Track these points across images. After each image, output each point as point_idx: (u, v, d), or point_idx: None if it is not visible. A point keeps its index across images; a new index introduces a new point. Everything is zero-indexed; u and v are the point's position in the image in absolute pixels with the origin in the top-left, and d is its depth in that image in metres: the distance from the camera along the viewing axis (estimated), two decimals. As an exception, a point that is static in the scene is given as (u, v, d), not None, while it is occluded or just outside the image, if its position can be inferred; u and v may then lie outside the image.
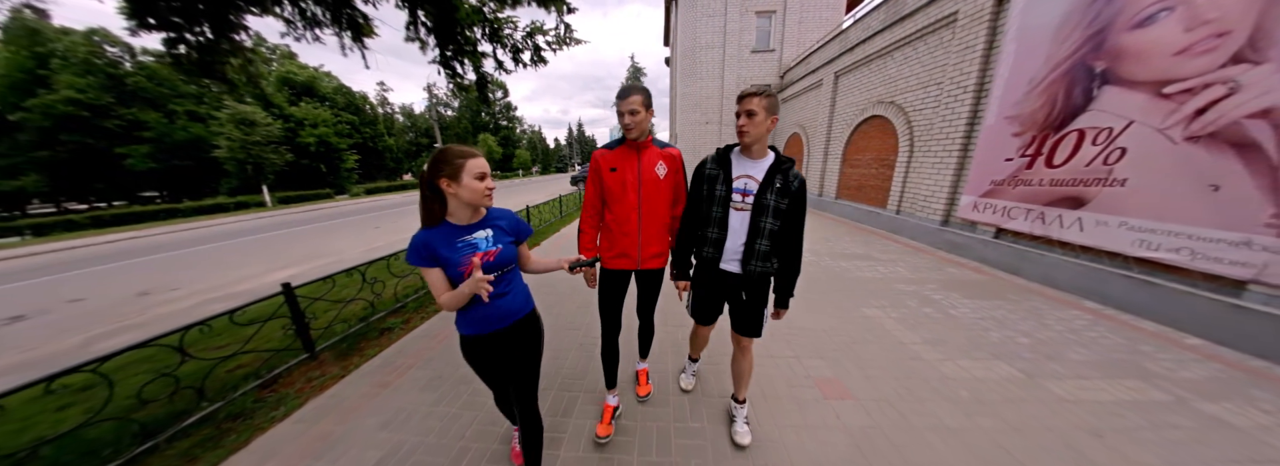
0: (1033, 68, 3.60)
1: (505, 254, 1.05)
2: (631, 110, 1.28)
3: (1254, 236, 2.27)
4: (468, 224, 1.02)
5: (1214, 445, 1.51)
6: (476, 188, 0.95)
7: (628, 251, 1.47)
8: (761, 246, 1.28)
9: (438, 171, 0.94)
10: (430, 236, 0.98)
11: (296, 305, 2.13)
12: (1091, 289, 3.04)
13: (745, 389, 1.56)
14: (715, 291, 1.43)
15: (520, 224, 1.15)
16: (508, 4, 2.01)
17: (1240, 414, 1.69)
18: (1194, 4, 2.53)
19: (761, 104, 1.16)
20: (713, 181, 1.32)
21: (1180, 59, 2.59)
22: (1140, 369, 2.06)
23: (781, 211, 1.26)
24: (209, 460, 1.52)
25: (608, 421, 1.60)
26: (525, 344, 1.15)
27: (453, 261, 0.98)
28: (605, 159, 1.42)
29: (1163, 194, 2.68)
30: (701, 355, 1.90)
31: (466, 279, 0.97)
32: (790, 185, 1.24)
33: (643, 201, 1.42)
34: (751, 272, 1.31)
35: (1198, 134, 2.51)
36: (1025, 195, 3.65)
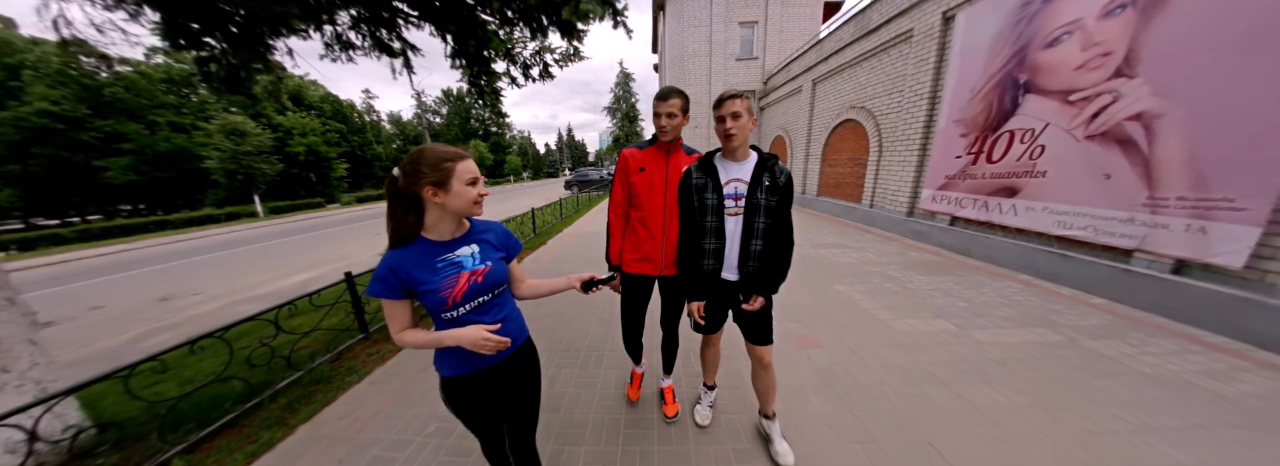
0: (973, 78, 4.20)
1: (495, 273, 0.87)
2: (669, 112, 1.27)
3: (1136, 214, 2.84)
4: (449, 239, 0.83)
5: (1086, 366, 2.01)
6: (468, 194, 0.77)
7: (651, 255, 1.42)
8: (756, 246, 1.24)
9: (418, 178, 0.74)
10: (402, 258, 0.78)
11: (355, 291, 2.49)
12: (1024, 264, 3.61)
13: (773, 402, 1.44)
14: (717, 303, 1.36)
15: (510, 237, 0.96)
16: (537, 36, 2.41)
17: (1113, 347, 2.21)
18: (1087, 29, 3.13)
19: (744, 105, 1.13)
20: (702, 191, 1.25)
21: (1079, 73, 3.19)
22: (1048, 321, 2.58)
23: (772, 209, 1.22)
24: (306, 413, 1.88)
25: (636, 385, 1.72)
26: (521, 379, 0.98)
27: (432, 285, 0.78)
28: (635, 158, 1.39)
29: (1071, 182, 3.26)
30: (716, 380, 1.71)
31: (453, 313, 0.81)
32: (778, 180, 1.20)
33: (669, 204, 1.38)
34: (749, 274, 1.26)
35: (1094, 133, 3.10)
36: (972, 187, 4.24)
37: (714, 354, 1.57)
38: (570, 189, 17.28)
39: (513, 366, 0.96)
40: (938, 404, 1.73)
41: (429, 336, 0.81)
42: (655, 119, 1.31)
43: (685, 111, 1.30)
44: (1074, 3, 3.22)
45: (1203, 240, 2.50)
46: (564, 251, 5.33)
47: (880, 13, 5.83)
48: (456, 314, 0.83)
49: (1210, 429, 1.55)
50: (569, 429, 1.62)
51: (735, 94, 1.14)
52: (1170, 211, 2.65)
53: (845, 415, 1.67)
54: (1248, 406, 1.68)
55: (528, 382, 1.01)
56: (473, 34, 2.32)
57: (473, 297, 0.84)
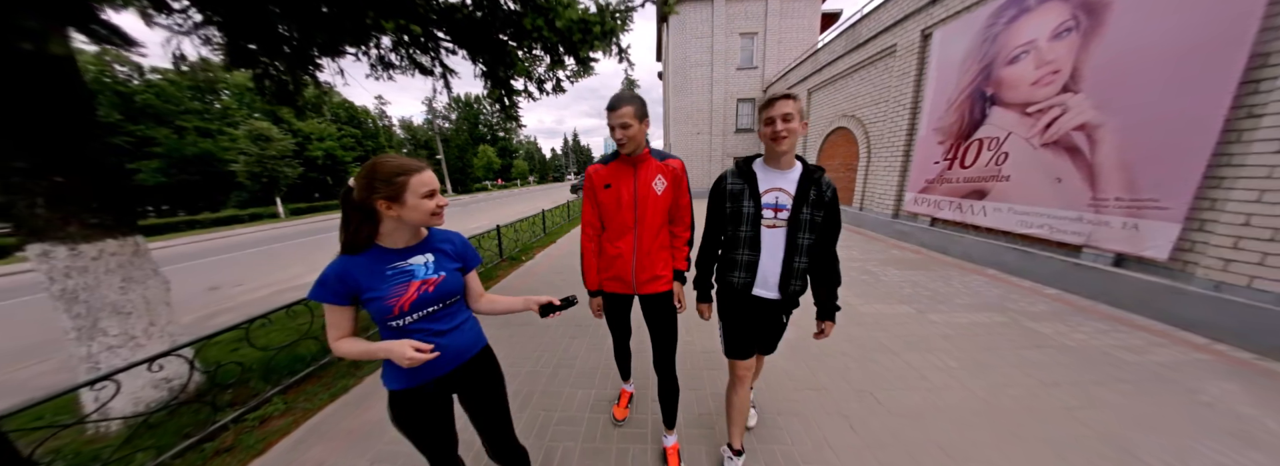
0: (949, 91, 4.59)
1: (448, 284, 0.86)
2: (622, 123, 1.12)
3: (1083, 213, 3.19)
4: (403, 247, 0.83)
5: (1019, 341, 2.37)
6: (424, 207, 0.77)
7: (622, 275, 1.32)
8: (799, 264, 1.12)
9: (371, 191, 0.74)
10: (350, 265, 0.78)
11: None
12: (993, 260, 3.95)
13: (741, 431, 1.29)
14: (750, 322, 1.21)
15: (468, 249, 0.94)
16: (556, 66, 2.85)
17: (1050, 327, 2.56)
18: (1040, 49, 3.52)
19: (796, 107, 1.00)
20: (737, 198, 1.13)
21: (1034, 88, 3.56)
22: (1001, 307, 2.93)
23: (817, 225, 1.10)
24: (369, 368, 2.31)
25: (624, 404, 1.60)
26: (481, 389, 0.96)
27: (378, 293, 0.77)
28: (599, 175, 1.28)
29: (1030, 185, 3.61)
30: (744, 443, 1.40)
31: (399, 322, 0.80)
32: (825, 195, 1.09)
33: (638, 220, 1.27)
34: (792, 294, 1.15)
35: (1047, 141, 3.46)
36: (949, 190, 4.59)
37: (743, 398, 1.28)
38: (577, 193, 17.80)
39: (468, 375, 0.93)
40: (883, 366, 2.10)
41: (363, 347, 0.79)
42: (610, 131, 1.16)
43: (641, 118, 1.14)
44: (1030, 25, 3.61)
45: (1136, 236, 2.84)
46: (574, 248, 5.76)
47: (869, 27, 6.26)
48: (403, 323, 0.81)
49: (1103, 384, 1.90)
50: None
51: (786, 94, 1.01)
52: (1110, 210, 3.00)
53: (805, 372, 2.05)
54: (1146, 370, 2.02)
55: (489, 390, 0.98)
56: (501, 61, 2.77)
57: (422, 307, 0.82)
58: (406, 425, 0.89)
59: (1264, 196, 2.23)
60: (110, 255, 1.84)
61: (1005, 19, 3.85)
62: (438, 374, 0.88)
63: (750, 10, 12.77)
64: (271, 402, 1.97)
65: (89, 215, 1.78)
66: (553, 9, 2.07)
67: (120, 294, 1.85)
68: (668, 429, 1.45)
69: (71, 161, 1.76)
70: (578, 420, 1.73)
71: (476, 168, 36.88)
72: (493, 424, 0.99)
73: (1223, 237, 2.39)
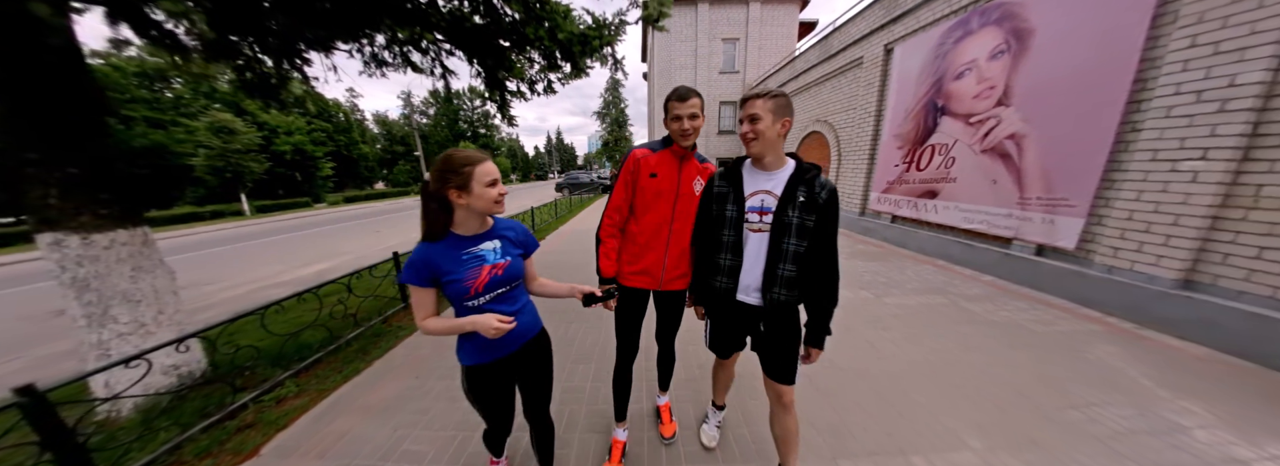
0: (907, 101, 5.09)
1: (514, 268, 0.95)
2: (691, 113, 1.11)
3: (1012, 210, 3.69)
4: (474, 234, 0.93)
5: (955, 317, 2.78)
6: (489, 195, 0.86)
7: (650, 269, 1.29)
8: (784, 271, 1.05)
9: (445, 182, 0.84)
10: (431, 251, 0.87)
11: (400, 266, 3.04)
12: (943, 253, 4.45)
13: (794, 455, 1.22)
14: (734, 325, 1.21)
15: (529, 236, 1.04)
16: (553, 70, 3.04)
17: (981, 306, 3.00)
18: (980, 67, 4.02)
19: (766, 106, 0.97)
20: (722, 200, 1.11)
21: (975, 100, 4.07)
22: (944, 291, 3.37)
23: (807, 230, 1.03)
24: (376, 353, 2.44)
25: (617, 460, 1.41)
26: (536, 367, 1.07)
27: (457, 276, 0.87)
28: (647, 161, 1.22)
29: (972, 186, 4.12)
30: (727, 400, 1.59)
31: (475, 301, 0.88)
32: (817, 197, 1.01)
33: (676, 215, 1.26)
34: (774, 301, 1.08)
35: (985, 148, 3.96)
36: (907, 191, 5.10)
37: (727, 375, 1.44)
38: (561, 191, 17.80)
39: (527, 355, 1.04)
40: (840, 339, 2.44)
41: (448, 322, 0.88)
42: (675, 122, 1.13)
43: (703, 111, 1.14)
44: (972, 45, 4.11)
45: (1052, 229, 3.35)
46: (562, 245, 5.93)
47: (839, 40, 6.76)
48: (478, 303, 0.91)
49: (1014, 349, 2.31)
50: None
51: (759, 94, 0.99)
52: (1033, 208, 3.50)
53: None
54: (1050, 338, 2.46)
55: (541, 368, 1.09)
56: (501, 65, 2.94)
57: (493, 289, 0.92)
58: (477, 396, 1.02)
59: (1141, 196, 2.73)
60: (121, 245, 1.90)
61: (953, 39, 4.35)
62: (506, 352, 0.99)
63: (732, 16, 13.25)
64: (284, 385, 2.08)
65: (100, 206, 1.84)
66: (555, 21, 2.28)
67: (130, 282, 1.92)
68: (662, 390, 1.64)
69: (83, 153, 1.82)
70: (580, 390, 1.96)
71: (457, 165, 35.94)
72: (537, 396, 1.12)
73: (1113, 229, 2.90)
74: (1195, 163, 2.46)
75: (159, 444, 1.60)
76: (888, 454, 1.49)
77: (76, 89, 1.83)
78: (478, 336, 0.92)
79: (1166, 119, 2.61)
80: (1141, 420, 1.67)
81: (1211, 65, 2.40)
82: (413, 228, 9.57)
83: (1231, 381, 1.96)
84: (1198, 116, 2.46)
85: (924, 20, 4.82)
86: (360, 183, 30.33)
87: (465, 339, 0.96)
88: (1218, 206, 2.40)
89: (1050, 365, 2.13)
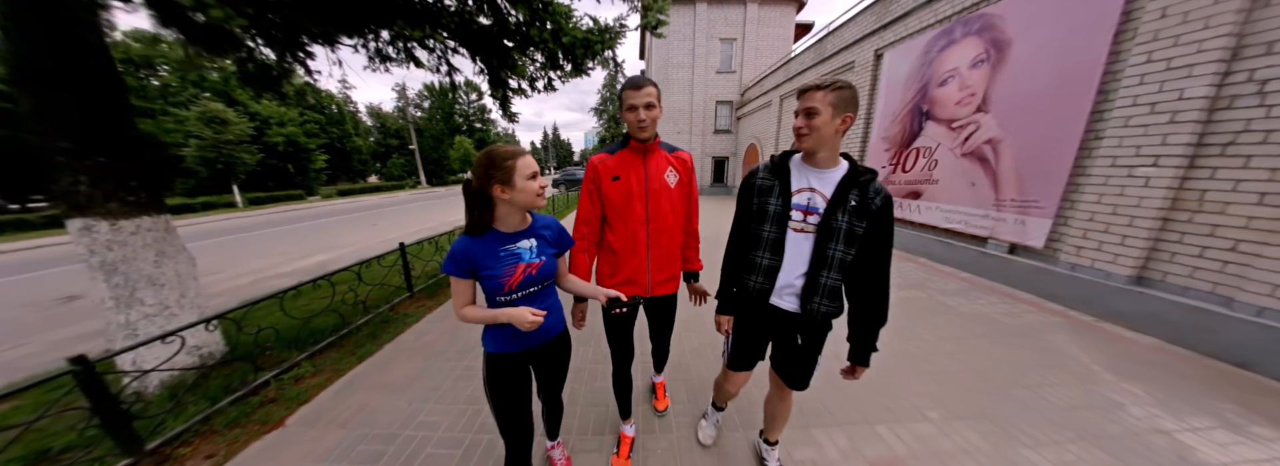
0: (894, 106, 5.30)
1: (547, 267, 0.97)
2: (647, 102, 1.06)
3: (989, 211, 3.92)
4: (514, 231, 0.95)
5: (932, 309, 2.99)
6: (531, 188, 0.87)
7: (634, 277, 1.25)
8: (828, 280, 0.99)
9: (490, 177, 0.85)
10: (472, 246, 0.90)
11: (406, 257, 3.16)
12: (923, 250, 4.68)
13: (780, 429, 1.29)
14: (761, 332, 1.15)
15: (564, 234, 1.06)
16: (555, 69, 3.16)
17: (956, 300, 3.22)
18: (962, 75, 4.23)
19: (826, 99, 0.88)
20: (765, 194, 1.04)
21: (958, 107, 4.28)
22: (922, 286, 3.59)
23: (856, 237, 0.96)
24: (387, 337, 2.57)
25: (625, 455, 1.42)
26: (554, 361, 1.12)
27: (493, 272, 0.90)
28: (605, 166, 1.18)
29: (953, 188, 4.34)
30: (729, 405, 1.55)
31: (507, 297, 0.92)
32: (871, 203, 0.95)
33: (651, 215, 1.20)
34: (813, 312, 1.02)
35: (965, 152, 4.18)
36: (893, 191, 5.31)
37: (735, 388, 1.31)
38: (558, 187, 17.86)
39: (548, 352, 1.08)
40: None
41: (486, 312, 0.92)
42: (630, 112, 1.08)
43: (659, 101, 1.09)
44: (955, 54, 4.32)
45: (1023, 229, 3.57)
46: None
47: (834, 43, 6.94)
48: (510, 299, 0.94)
49: (981, 338, 2.52)
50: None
51: (818, 85, 0.90)
52: (1007, 209, 3.73)
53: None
54: (1014, 329, 2.67)
55: (559, 362, 1.14)
56: (505, 63, 3.05)
57: (525, 287, 0.94)
58: (494, 385, 1.02)
59: (1101, 198, 2.96)
60: (146, 230, 2.00)
61: (938, 47, 4.55)
62: (529, 345, 1.02)
63: (730, 17, 13.39)
64: (300, 366, 2.20)
65: (127, 193, 1.94)
66: (558, 23, 2.40)
67: (155, 267, 2.02)
68: (657, 371, 1.74)
69: (112, 143, 1.91)
70: (582, 369, 2.11)
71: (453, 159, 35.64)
72: (552, 382, 1.18)
73: (1076, 229, 3.13)
74: (1148, 169, 2.68)
75: (190, 415, 1.72)
76: (856, 424, 1.67)
77: (106, 81, 1.92)
78: (508, 327, 0.95)
79: (1125, 128, 2.83)
80: (1084, 398, 1.88)
81: (1165, 80, 2.61)
82: (410, 221, 9.60)
83: (1171, 367, 2.19)
84: (1151, 126, 2.68)
85: (912, 27, 5.02)
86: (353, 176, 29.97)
87: (493, 328, 0.98)
88: (1167, 209, 2.62)
89: (1011, 352, 2.33)
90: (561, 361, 1.14)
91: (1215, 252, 2.40)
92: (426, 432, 1.65)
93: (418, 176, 28.90)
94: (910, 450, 1.53)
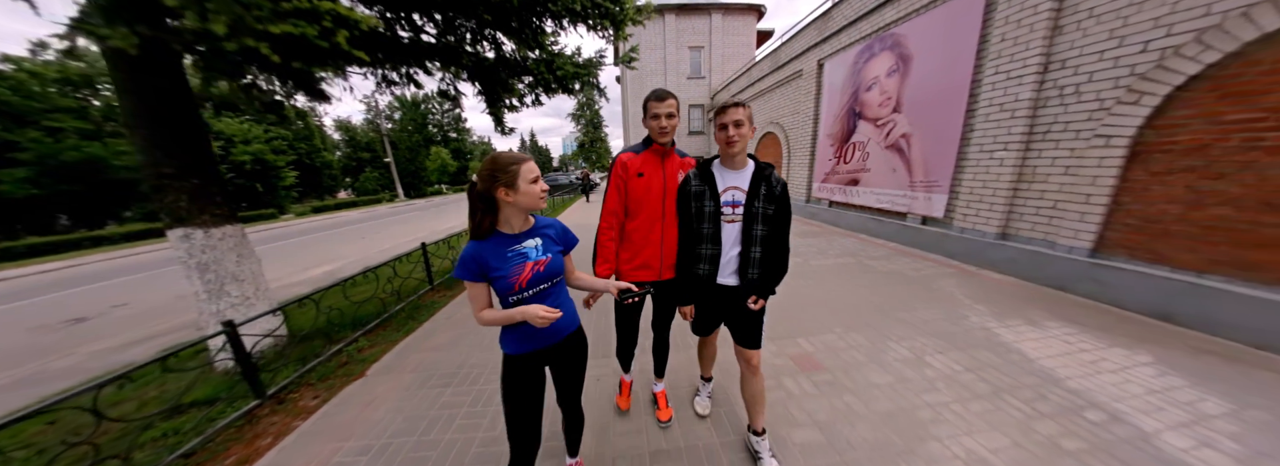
0: (835, 107, 6.22)
1: (554, 264, 1.02)
2: (669, 112, 1.24)
3: (907, 192, 4.83)
4: (518, 232, 0.99)
5: (858, 272, 3.81)
6: (533, 191, 0.93)
7: (650, 263, 1.41)
8: (755, 253, 1.25)
9: (494, 181, 0.91)
10: (480, 249, 0.94)
11: (427, 255, 3.68)
12: (863, 228, 5.59)
13: (762, 416, 1.43)
14: (714, 307, 1.38)
15: (568, 233, 1.11)
16: (547, 91, 3.77)
17: (880, 263, 4.06)
18: (882, 82, 5.16)
19: (746, 114, 1.13)
20: (700, 198, 1.27)
21: (881, 108, 5.20)
22: (855, 254, 4.44)
23: (769, 217, 1.23)
24: (423, 317, 3.11)
25: (626, 394, 1.68)
26: (571, 361, 1.13)
27: (503, 272, 0.94)
28: (633, 163, 1.35)
29: (881, 175, 5.26)
30: (713, 372, 1.78)
31: (518, 296, 0.95)
32: (774, 190, 1.22)
33: (666, 210, 1.37)
34: (750, 281, 1.27)
35: (887, 145, 5.10)
36: (838, 180, 6.23)
37: (711, 350, 1.63)
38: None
39: (564, 349, 1.10)
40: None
41: (501, 313, 0.95)
42: (653, 120, 1.28)
43: (679, 111, 1.28)
44: (876, 65, 5.24)
45: (930, 203, 4.49)
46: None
47: (786, 53, 7.87)
48: (521, 298, 0.97)
49: (889, 286, 3.34)
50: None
51: (737, 102, 1.13)
52: (918, 189, 4.64)
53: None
54: (916, 279, 3.51)
55: (577, 361, 1.15)
56: (503, 88, 3.64)
57: (535, 284, 0.98)
58: (510, 387, 1.04)
59: (976, 176, 3.87)
60: (228, 237, 2.49)
61: (864, 59, 5.48)
62: (546, 343, 1.04)
63: (697, 26, 14.32)
64: (357, 341, 2.72)
65: (215, 207, 2.43)
66: (554, 61, 3.03)
67: (237, 265, 2.51)
68: (658, 377, 1.77)
69: (202, 168, 2.40)
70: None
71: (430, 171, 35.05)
72: (570, 386, 1.18)
73: (963, 201, 4.04)
74: (1001, 152, 3.60)
75: (290, 371, 2.24)
76: (784, 338, 2.40)
77: (192, 121, 2.41)
78: (523, 326, 0.98)
79: (985, 122, 3.75)
80: (942, 314, 2.69)
81: (1006, 86, 3.54)
82: (396, 233, 9.82)
83: (1013, 294, 3.06)
84: (1001, 121, 3.60)
85: (845, 42, 5.95)
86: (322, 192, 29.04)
87: (509, 329, 1.02)
88: (1015, 182, 3.54)
89: (910, 294, 3.15)
90: (577, 360, 1.16)
91: (1044, 211, 3.32)
92: (479, 370, 2.24)
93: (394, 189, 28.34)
94: (816, 349, 2.27)
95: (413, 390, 2.09)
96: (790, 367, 2.10)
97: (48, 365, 3.05)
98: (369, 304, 3.06)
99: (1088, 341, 2.25)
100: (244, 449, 1.69)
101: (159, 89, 2.23)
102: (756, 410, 1.42)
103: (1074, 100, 3.06)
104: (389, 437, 1.69)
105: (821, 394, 1.85)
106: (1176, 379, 1.86)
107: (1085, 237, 2.98)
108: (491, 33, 3.08)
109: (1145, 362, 2.01)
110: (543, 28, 3.03)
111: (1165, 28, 2.49)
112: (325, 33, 1.72)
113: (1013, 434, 1.55)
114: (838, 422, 1.65)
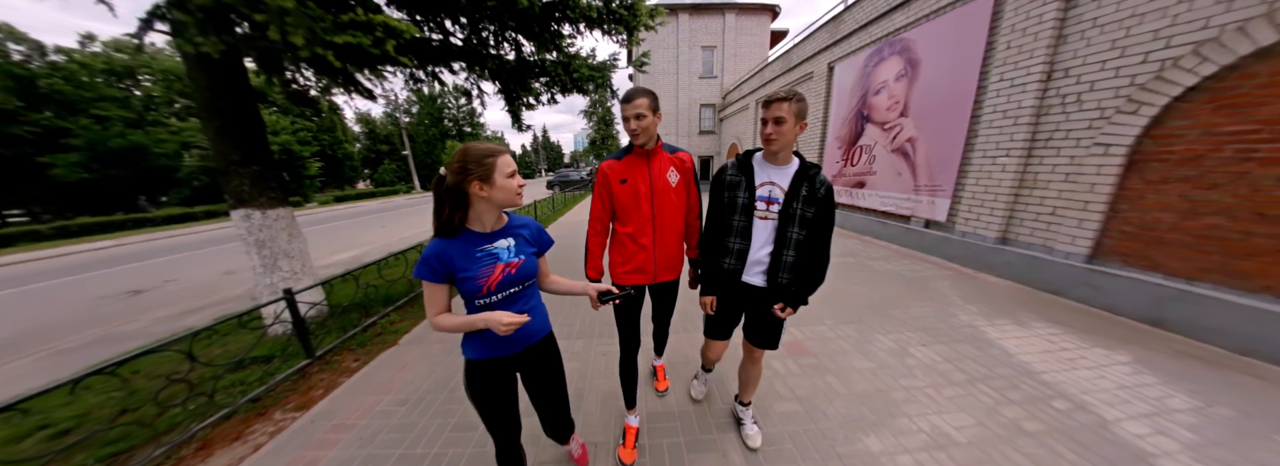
0: (843, 110, 6.30)
1: (527, 266, 0.95)
2: (637, 114, 1.20)
3: (911, 195, 4.92)
4: (490, 231, 0.92)
5: (859, 270, 3.94)
6: (510, 186, 0.86)
7: (643, 267, 1.39)
8: (788, 257, 1.18)
9: (467, 175, 0.83)
10: (446, 247, 0.87)
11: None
12: (865, 229, 5.68)
13: (752, 392, 1.48)
14: (735, 305, 1.33)
15: (542, 234, 1.03)
16: (564, 91, 4.01)
17: (880, 263, 4.18)
18: (890, 86, 5.23)
19: (790, 110, 1.04)
20: (734, 188, 1.22)
21: (888, 112, 5.28)
22: (857, 255, 4.56)
23: (808, 220, 1.15)
24: (413, 319, 3.38)
25: (631, 445, 1.48)
26: (544, 371, 1.08)
27: (470, 273, 0.87)
28: (614, 170, 1.33)
29: (886, 178, 5.34)
30: (715, 367, 1.79)
31: (486, 300, 0.89)
32: (817, 192, 1.13)
33: (657, 212, 1.34)
34: (779, 285, 1.21)
35: (893, 148, 5.18)
36: (845, 182, 6.32)
37: (718, 353, 1.54)
38: (552, 188, 18.56)
39: (533, 357, 1.03)
40: (773, 281, 3.56)
41: (460, 319, 0.88)
42: (624, 123, 1.25)
43: (655, 110, 1.22)
44: (885, 69, 5.32)
45: (933, 207, 4.57)
46: (565, 232, 6.89)
47: (799, 55, 7.94)
48: (489, 301, 0.91)
49: (888, 285, 3.47)
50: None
51: (783, 97, 1.07)
52: (922, 193, 4.73)
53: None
54: (913, 280, 3.63)
55: (551, 372, 1.08)
56: (522, 87, 3.89)
57: (505, 288, 0.92)
58: (476, 393, 0.98)
59: (979, 181, 3.95)
60: (282, 218, 2.80)
61: (873, 63, 5.55)
62: (509, 352, 0.98)
63: (710, 26, 14.37)
64: (389, 316, 3.02)
65: (272, 191, 2.74)
66: (572, 65, 3.26)
67: (288, 243, 2.82)
68: (658, 355, 1.90)
69: (260, 155, 2.70)
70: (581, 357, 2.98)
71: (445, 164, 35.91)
72: (551, 402, 1.10)
73: (965, 206, 4.12)
74: (1004, 158, 3.68)
75: (334, 338, 2.53)
76: (779, 327, 2.59)
77: (253, 114, 2.71)
78: (486, 332, 0.92)
79: (989, 129, 3.83)
80: (933, 312, 2.83)
81: (1010, 94, 3.61)
82: (416, 222, 10.26)
83: (1007, 296, 3.16)
84: (1004, 128, 3.67)
85: (855, 45, 6.02)
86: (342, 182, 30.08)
87: (472, 334, 0.95)
88: (1016, 187, 3.62)
89: (907, 293, 3.29)
90: (550, 367, 1.09)
91: (1043, 217, 3.40)
92: (498, 343, 2.49)
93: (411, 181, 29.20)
94: (807, 338, 2.45)
95: (440, 357, 2.35)
96: (779, 352, 2.27)
97: (119, 328, 3.45)
98: (399, 283, 3.35)
99: (1071, 341, 2.37)
100: (300, 398, 1.98)
101: (227, 86, 2.54)
102: (748, 388, 1.50)
103: (1075, 108, 3.14)
104: (423, 393, 1.96)
105: (805, 374, 2.04)
106: (1150, 377, 1.96)
107: (1082, 244, 3.07)
108: (513, 36, 3.34)
109: (1123, 362, 2.12)
110: (561, 31, 3.27)
111: (1165, 40, 2.56)
112: (377, 42, 1.98)
113: (979, 415, 1.70)
114: (817, 398, 1.83)
